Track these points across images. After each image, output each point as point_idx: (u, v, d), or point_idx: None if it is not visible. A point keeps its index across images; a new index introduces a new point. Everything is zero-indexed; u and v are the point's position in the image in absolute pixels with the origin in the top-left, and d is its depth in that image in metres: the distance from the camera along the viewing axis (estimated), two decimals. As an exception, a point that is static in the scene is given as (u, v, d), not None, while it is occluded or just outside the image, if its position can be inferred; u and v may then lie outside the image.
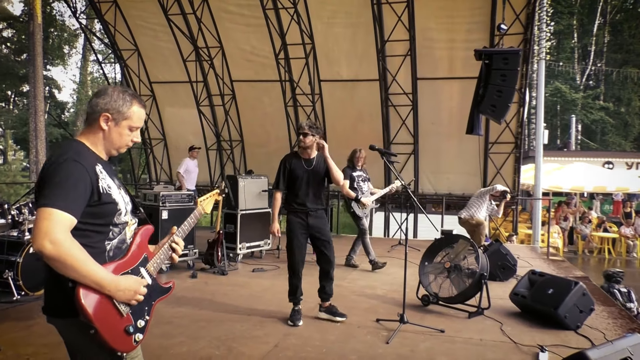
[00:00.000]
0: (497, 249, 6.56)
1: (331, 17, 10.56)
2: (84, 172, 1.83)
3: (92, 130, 1.99)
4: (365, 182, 7.11)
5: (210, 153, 13.01)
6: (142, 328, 1.96)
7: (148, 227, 2.12)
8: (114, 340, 1.84)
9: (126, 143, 2.05)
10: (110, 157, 2.08)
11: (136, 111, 2.04)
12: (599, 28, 33.70)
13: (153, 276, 2.06)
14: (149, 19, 11.93)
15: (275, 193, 4.81)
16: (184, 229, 2.24)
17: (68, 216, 1.74)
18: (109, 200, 1.92)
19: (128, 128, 2.02)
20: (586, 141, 31.46)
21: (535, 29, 12.97)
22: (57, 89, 31.49)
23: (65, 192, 1.76)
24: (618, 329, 4.71)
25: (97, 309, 1.79)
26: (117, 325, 1.86)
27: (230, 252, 7.27)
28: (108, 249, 1.93)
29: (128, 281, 1.88)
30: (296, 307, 4.72)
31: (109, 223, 1.94)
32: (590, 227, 15.58)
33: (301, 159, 4.78)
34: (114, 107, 1.97)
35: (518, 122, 10.58)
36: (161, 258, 2.12)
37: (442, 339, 4.34)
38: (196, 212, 2.41)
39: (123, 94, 2.02)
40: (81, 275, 1.74)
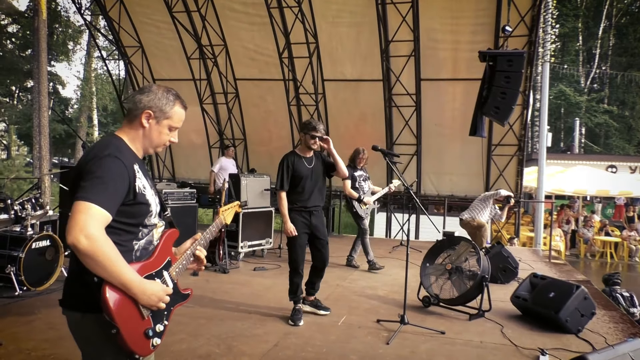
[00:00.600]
0: (498, 251, 6.56)
1: (336, 16, 10.55)
2: (123, 169, 1.82)
3: (133, 127, 1.98)
4: (366, 182, 7.13)
5: (213, 151, 13.01)
6: (161, 333, 1.95)
7: (174, 230, 2.12)
8: (133, 342, 1.82)
9: (164, 142, 2.05)
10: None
11: (178, 111, 2.04)
12: (604, 31, 33.59)
13: (174, 281, 2.04)
14: (153, 16, 11.93)
15: (281, 193, 4.74)
16: (206, 237, 2.23)
17: (105, 212, 1.73)
18: (143, 200, 1.91)
19: (168, 127, 2.02)
20: (590, 144, 31.40)
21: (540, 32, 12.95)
22: (61, 85, 31.57)
23: (104, 187, 1.75)
24: (619, 334, 4.70)
25: (121, 308, 1.77)
26: (138, 328, 1.84)
27: (231, 250, 7.28)
28: (135, 249, 1.92)
29: (154, 287, 1.86)
30: (297, 306, 4.73)
31: (139, 223, 1.93)
32: (592, 231, 15.55)
33: (302, 158, 4.77)
34: (157, 105, 1.97)
35: (521, 124, 10.55)
36: (183, 264, 2.11)
37: (443, 341, 4.34)
38: (217, 221, 2.41)
39: (167, 93, 2.02)
40: (110, 274, 1.72)
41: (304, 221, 4.71)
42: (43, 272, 5.42)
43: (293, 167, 4.71)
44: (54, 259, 5.56)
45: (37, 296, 5.15)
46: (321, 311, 4.93)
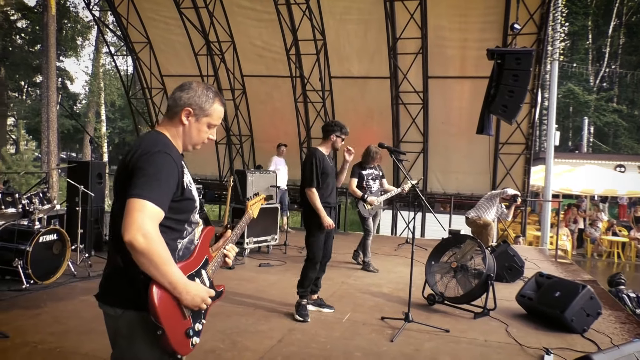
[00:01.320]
0: (504, 250, 6.53)
1: (343, 13, 10.53)
2: (174, 165, 1.83)
3: (173, 124, 1.99)
4: (376, 181, 6.96)
5: (220, 147, 13.04)
6: (199, 332, 1.95)
7: (210, 228, 2.12)
8: (176, 342, 1.81)
9: (203, 140, 2.04)
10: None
11: (217, 109, 2.03)
12: (614, 29, 33.30)
13: (211, 279, 2.05)
14: (161, 12, 11.96)
15: (315, 190, 4.68)
16: (237, 233, 2.25)
17: (158, 209, 1.73)
18: (190, 196, 1.92)
19: (207, 125, 2.01)
20: (598, 144, 31.18)
21: (549, 30, 12.86)
22: (69, 80, 31.70)
23: (157, 184, 1.75)
24: (625, 334, 4.67)
25: (167, 309, 1.77)
26: (180, 327, 1.84)
27: (237, 246, 7.29)
28: (179, 248, 1.92)
29: (198, 288, 1.86)
30: (303, 302, 4.74)
31: (186, 220, 1.93)
32: (599, 231, 15.46)
33: (325, 156, 4.83)
34: (197, 103, 1.97)
35: (529, 123, 10.50)
36: (218, 262, 2.13)
37: (447, 339, 4.33)
38: (247, 216, 2.45)
39: (207, 90, 2.01)
40: (161, 274, 1.71)
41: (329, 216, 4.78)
42: (50, 266, 5.46)
43: (323, 164, 4.74)
44: (61, 253, 5.59)
45: (44, 290, 5.19)
46: (325, 309, 4.94)
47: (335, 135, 4.81)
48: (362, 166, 6.88)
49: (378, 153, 6.85)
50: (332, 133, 4.81)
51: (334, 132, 4.81)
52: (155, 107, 13.26)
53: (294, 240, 8.51)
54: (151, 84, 12.93)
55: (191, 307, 1.84)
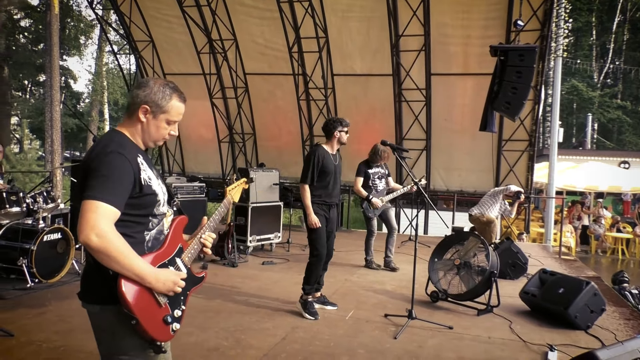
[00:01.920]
0: (507, 247, 6.53)
1: (346, 10, 10.50)
2: (127, 164, 1.86)
3: (132, 122, 2.01)
4: (382, 180, 6.81)
5: (223, 145, 13.05)
6: (179, 318, 2.01)
7: (182, 217, 2.15)
8: (154, 330, 1.88)
9: (163, 136, 2.07)
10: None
11: (175, 105, 2.05)
12: (618, 25, 33.12)
13: (188, 266, 2.09)
14: (163, 11, 11.97)
15: (305, 186, 4.73)
16: (215, 219, 2.26)
17: (113, 209, 1.78)
18: (150, 191, 1.95)
19: (166, 121, 2.04)
20: (602, 140, 31.06)
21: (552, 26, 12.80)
22: (72, 79, 31.75)
23: (110, 184, 1.80)
24: (629, 330, 4.67)
25: (138, 299, 1.83)
26: (156, 315, 1.90)
27: (240, 244, 7.32)
28: (147, 240, 1.97)
29: (167, 273, 1.92)
30: (310, 299, 4.74)
31: (149, 214, 1.97)
32: (603, 227, 15.41)
33: (329, 154, 4.82)
34: (153, 100, 1.99)
35: (533, 119, 10.46)
36: (195, 248, 2.15)
37: (450, 336, 4.33)
38: (225, 201, 2.44)
39: (164, 87, 2.02)
40: (123, 268, 1.78)
41: (324, 214, 4.78)
42: (54, 265, 5.48)
43: (323, 162, 4.74)
44: (65, 252, 5.62)
45: (48, 288, 5.21)
46: (328, 307, 4.96)
47: (338, 131, 4.83)
48: (369, 165, 6.76)
49: (386, 151, 6.73)
50: (335, 129, 4.83)
51: (335, 128, 4.83)
52: (158, 106, 13.26)
53: (297, 238, 8.52)
54: (154, 82, 12.93)
55: (166, 293, 1.90)
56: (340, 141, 4.87)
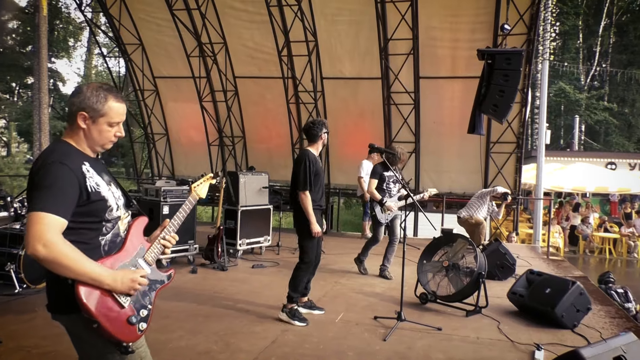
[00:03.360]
0: (495, 248, 6.59)
1: (335, 14, 10.56)
2: (70, 174, 1.86)
3: (74, 130, 2.01)
4: (396, 184, 6.53)
5: (212, 149, 13.04)
6: (146, 317, 2.01)
7: (142, 218, 2.15)
8: (118, 332, 1.89)
9: (109, 139, 2.05)
10: (100, 152, 2.12)
11: (113, 106, 2.01)
12: (604, 29, 33.56)
13: (151, 266, 2.10)
14: (153, 14, 11.95)
15: (308, 194, 4.59)
16: (180, 217, 2.23)
17: (58, 219, 1.79)
18: (98, 198, 1.95)
19: (107, 124, 2.01)
20: (589, 141, 31.40)
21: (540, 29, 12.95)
22: (61, 82, 31.55)
23: (54, 195, 1.81)
24: (615, 328, 4.74)
25: (97, 303, 1.84)
26: (119, 317, 1.90)
27: (230, 248, 7.32)
28: (103, 244, 1.97)
29: (124, 272, 1.93)
30: (296, 307, 4.70)
31: (100, 220, 1.97)
32: (591, 227, 15.58)
33: (317, 157, 4.79)
34: (89, 105, 1.97)
35: (520, 122, 10.57)
36: (158, 247, 2.15)
37: (439, 337, 4.37)
38: (190, 198, 2.40)
39: (97, 90, 2.00)
40: (77, 274, 1.79)
41: (318, 219, 4.73)
42: (43, 270, 5.44)
43: (315, 166, 4.68)
44: (54, 256, 5.58)
45: (36, 294, 5.18)
46: (316, 311, 4.92)
47: (324, 133, 4.81)
48: (386, 167, 6.29)
49: (404, 154, 6.48)
50: (321, 132, 4.78)
51: (321, 130, 4.78)
52: (148, 109, 13.24)
53: (287, 241, 8.53)
54: (143, 85, 12.91)
55: (127, 292, 1.91)
56: (324, 143, 4.88)
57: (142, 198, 6.90)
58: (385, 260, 6.65)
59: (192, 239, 6.90)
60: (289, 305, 4.66)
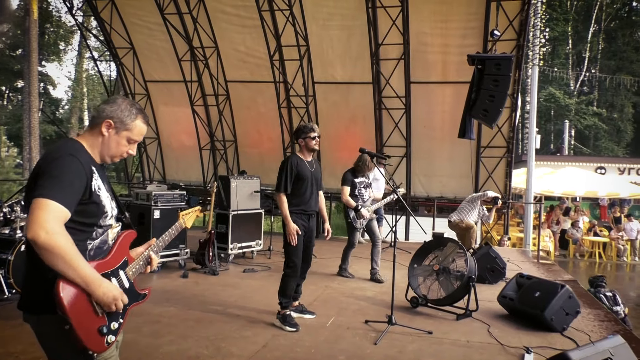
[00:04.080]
0: (486, 252, 6.63)
1: (326, 19, 10.60)
2: (80, 167, 1.88)
3: (93, 134, 2.04)
4: (367, 189, 6.70)
5: (204, 153, 13.02)
6: (115, 330, 1.99)
7: (131, 231, 2.16)
8: (87, 338, 1.86)
9: (121, 153, 2.10)
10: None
11: (138, 125, 2.10)
12: (593, 35, 33.96)
13: (131, 281, 2.11)
14: (145, 18, 11.94)
15: (281, 195, 4.61)
16: (165, 240, 2.30)
17: (64, 209, 1.78)
18: (98, 200, 1.96)
19: (127, 139, 2.08)
20: (579, 146, 31.68)
21: (529, 35, 13.08)
22: (52, 86, 31.38)
23: (62, 185, 1.81)
24: (603, 331, 4.78)
25: (75, 303, 1.81)
26: (91, 324, 1.88)
27: (221, 252, 7.30)
28: (89, 249, 1.97)
29: (111, 286, 1.91)
30: (288, 312, 4.68)
31: (93, 223, 1.98)
32: (581, 231, 15.71)
33: (304, 161, 4.74)
34: (118, 117, 2.04)
35: (510, 126, 10.65)
36: (140, 264, 2.17)
37: (430, 341, 4.39)
38: (177, 224, 2.48)
39: (131, 106, 2.08)
40: (69, 268, 1.77)
41: (303, 224, 4.68)
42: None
43: (297, 169, 4.65)
44: (43, 261, 5.53)
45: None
46: (307, 315, 4.92)
47: (302, 139, 4.72)
48: (355, 174, 6.58)
49: (367, 162, 6.58)
50: (299, 138, 4.74)
51: (299, 137, 4.74)
52: (139, 113, 13.18)
53: (278, 245, 8.49)
54: (134, 89, 12.88)
55: (103, 305, 1.89)
56: (308, 148, 4.73)
57: (133, 202, 6.87)
58: (374, 263, 6.72)
59: (183, 244, 6.88)
60: (282, 312, 4.66)
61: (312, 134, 4.70)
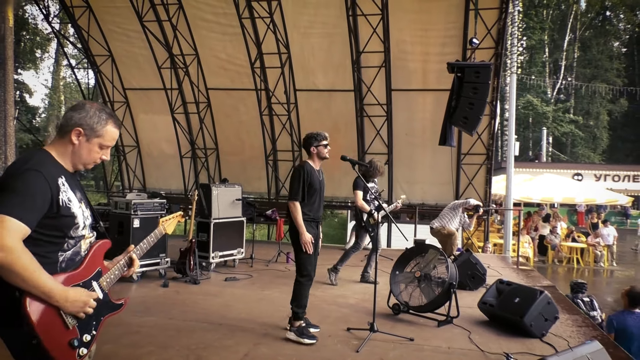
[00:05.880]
0: (466, 258, 6.67)
1: (307, 27, 10.64)
2: (44, 183, 1.82)
3: (63, 143, 1.98)
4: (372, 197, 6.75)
5: (185, 161, 12.91)
6: (88, 343, 1.94)
7: (105, 241, 2.12)
8: (57, 353, 1.81)
9: (94, 160, 2.04)
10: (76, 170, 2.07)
11: (109, 131, 2.03)
12: (569, 43, 34.74)
13: (105, 291, 2.05)
14: (123, 25, 11.83)
15: (296, 203, 4.50)
16: (143, 247, 2.25)
17: (22, 225, 1.73)
18: (68, 213, 1.91)
19: (98, 146, 2.01)
20: (557, 153, 32.27)
21: (507, 44, 13.30)
22: (28, 94, 30.83)
23: (22, 200, 1.75)
24: (581, 337, 4.84)
25: (42, 318, 1.76)
26: (61, 338, 1.83)
27: (202, 261, 7.23)
28: (60, 260, 1.92)
29: (77, 293, 1.86)
30: (304, 324, 4.55)
31: (64, 235, 1.93)
32: (559, 237, 15.95)
33: (315, 170, 4.68)
34: (88, 124, 1.97)
35: (489, 134, 10.79)
36: (115, 274, 2.11)
37: (411, 348, 4.39)
38: (157, 231, 2.43)
39: (100, 111, 2.01)
40: (30, 285, 1.72)
41: (313, 232, 4.59)
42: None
43: (310, 178, 4.58)
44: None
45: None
46: (311, 329, 4.70)
47: (314, 147, 4.66)
48: (366, 179, 6.65)
49: (382, 166, 6.89)
50: (311, 145, 4.67)
51: (311, 144, 4.67)
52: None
53: (261, 253, 8.48)
54: (113, 97, 12.74)
55: (75, 314, 1.85)
56: (319, 156, 4.68)
57: (112, 211, 6.77)
58: (369, 267, 6.92)
59: (164, 252, 6.80)
60: (296, 324, 4.50)
61: (325, 142, 4.68)
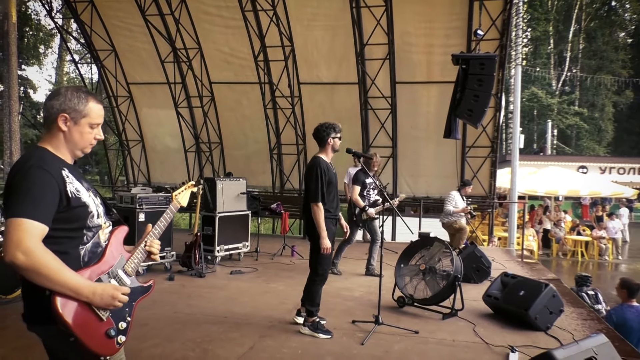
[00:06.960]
0: (471, 251, 6.68)
1: (310, 19, 10.59)
2: (50, 178, 1.81)
3: (53, 134, 1.95)
4: (375, 190, 6.81)
5: (189, 155, 12.92)
6: (124, 330, 1.96)
7: (122, 227, 2.10)
8: (96, 345, 1.83)
9: (89, 141, 2.01)
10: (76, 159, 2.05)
11: (93, 107, 1.98)
12: (574, 35, 34.46)
13: (131, 276, 2.05)
14: (126, 20, 11.81)
15: (321, 205, 4.31)
16: (161, 226, 2.21)
17: (39, 225, 1.73)
18: (79, 203, 1.89)
19: (89, 126, 1.97)
20: (562, 146, 32.11)
21: (512, 35, 13.20)
22: (32, 89, 30.90)
23: (33, 200, 1.74)
24: (586, 330, 4.83)
25: (76, 316, 1.77)
26: (97, 330, 1.85)
27: (208, 254, 7.25)
28: (82, 255, 1.91)
29: (105, 287, 1.85)
30: (318, 319, 4.53)
31: (81, 227, 1.91)
32: (564, 230, 15.90)
33: (328, 164, 4.52)
34: (70, 107, 1.93)
35: (494, 126, 10.74)
36: (139, 258, 2.10)
37: (416, 340, 4.40)
38: (172, 206, 2.37)
39: (77, 91, 1.97)
40: (56, 284, 1.72)
41: (332, 229, 4.52)
42: (13, 280, 5.30)
43: (328, 175, 4.42)
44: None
45: (7, 304, 5.05)
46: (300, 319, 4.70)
47: (332, 138, 4.51)
48: (365, 173, 6.63)
49: (377, 157, 6.95)
50: (329, 136, 4.50)
51: (329, 135, 4.49)
52: (122, 116, 13.06)
53: (266, 247, 8.50)
54: (117, 92, 12.74)
55: (104, 307, 1.85)
56: (334, 148, 4.54)
57: (117, 206, 6.79)
58: (372, 259, 6.95)
59: (169, 246, 6.82)
60: (310, 319, 4.49)
61: (340, 134, 4.56)
